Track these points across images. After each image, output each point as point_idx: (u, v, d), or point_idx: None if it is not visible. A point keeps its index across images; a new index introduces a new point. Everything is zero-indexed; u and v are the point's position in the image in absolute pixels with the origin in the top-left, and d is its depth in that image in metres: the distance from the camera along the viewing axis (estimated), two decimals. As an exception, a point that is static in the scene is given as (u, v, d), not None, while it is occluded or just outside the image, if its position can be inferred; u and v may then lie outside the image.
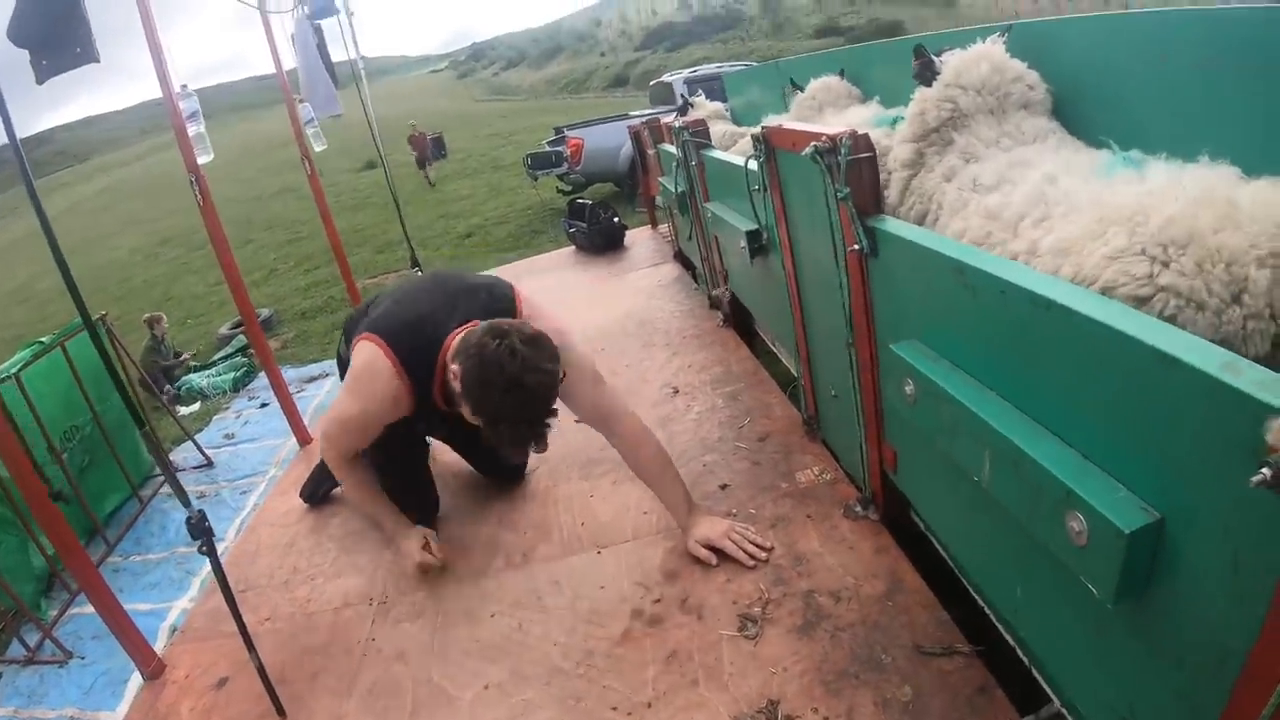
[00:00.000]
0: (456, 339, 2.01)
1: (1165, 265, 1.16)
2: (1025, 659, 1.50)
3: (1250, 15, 1.52)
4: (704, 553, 2.02)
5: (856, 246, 1.67)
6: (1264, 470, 0.71)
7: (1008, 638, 1.56)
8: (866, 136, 1.66)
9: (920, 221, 1.91)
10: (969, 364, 1.35)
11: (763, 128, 2.18)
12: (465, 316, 2.10)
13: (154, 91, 2.97)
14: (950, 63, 1.91)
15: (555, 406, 1.93)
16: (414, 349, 2.10)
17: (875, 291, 1.72)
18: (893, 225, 1.61)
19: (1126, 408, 0.96)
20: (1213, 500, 0.84)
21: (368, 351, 2.11)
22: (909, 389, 1.47)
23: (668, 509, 2.15)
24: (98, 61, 2.05)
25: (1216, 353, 0.82)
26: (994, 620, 1.63)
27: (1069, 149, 1.73)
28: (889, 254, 1.61)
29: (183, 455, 4.85)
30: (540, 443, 1.93)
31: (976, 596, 1.73)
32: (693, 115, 4.56)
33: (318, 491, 2.84)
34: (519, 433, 1.90)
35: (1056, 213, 1.44)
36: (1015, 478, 1.14)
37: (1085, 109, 1.89)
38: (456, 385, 1.91)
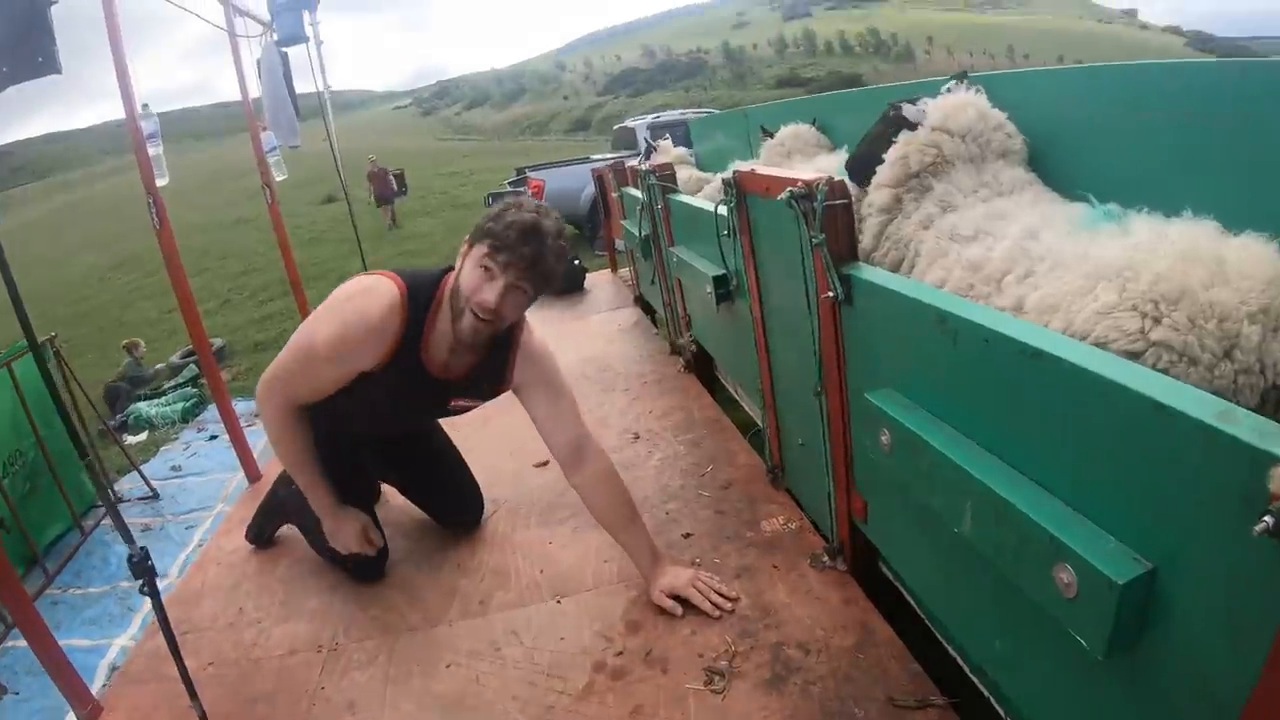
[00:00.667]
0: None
1: (1157, 321, 1.17)
2: (1003, 711, 1.47)
3: (1225, 67, 1.55)
4: (668, 603, 1.96)
5: (830, 294, 1.66)
6: (1266, 519, 0.70)
7: (983, 690, 1.53)
8: (843, 183, 1.66)
9: (895, 268, 1.91)
10: (947, 413, 1.33)
11: (734, 171, 2.18)
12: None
13: (116, 112, 2.91)
14: (936, 107, 1.92)
15: (564, 246, 1.91)
16: (417, 283, 1.99)
17: (848, 339, 1.71)
18: (869, 273, 1.60)
19: (1117, 457, 0.95)
20: (1207, 549, 0.83)
21: (369, 277, 2.00)
22: (885, 438, 1.45)
23: (631, 557, 2.08)
24: (59, 73, 1.99)
25: (1212, 401, 0.82)
26: (968, 672, 1.60)
27: (1046, 201, 1.74)
28: (864, 301, 1.60)
29: (128, 485, 4.69)
30: (547, 267, 1.87)
31: (949, 648, 1.71)
32: (657, 159, 4.60)
33: (263, 533, 2.72)
34: (530, 228, 1.82)
35: (1040, 268, 1.44)
36: (998, 529, 1.12)
37: (1058, 159, 1.91)
38: (463, 258, 1.91)
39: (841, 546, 2.01)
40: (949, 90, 2.04)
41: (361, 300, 1.93)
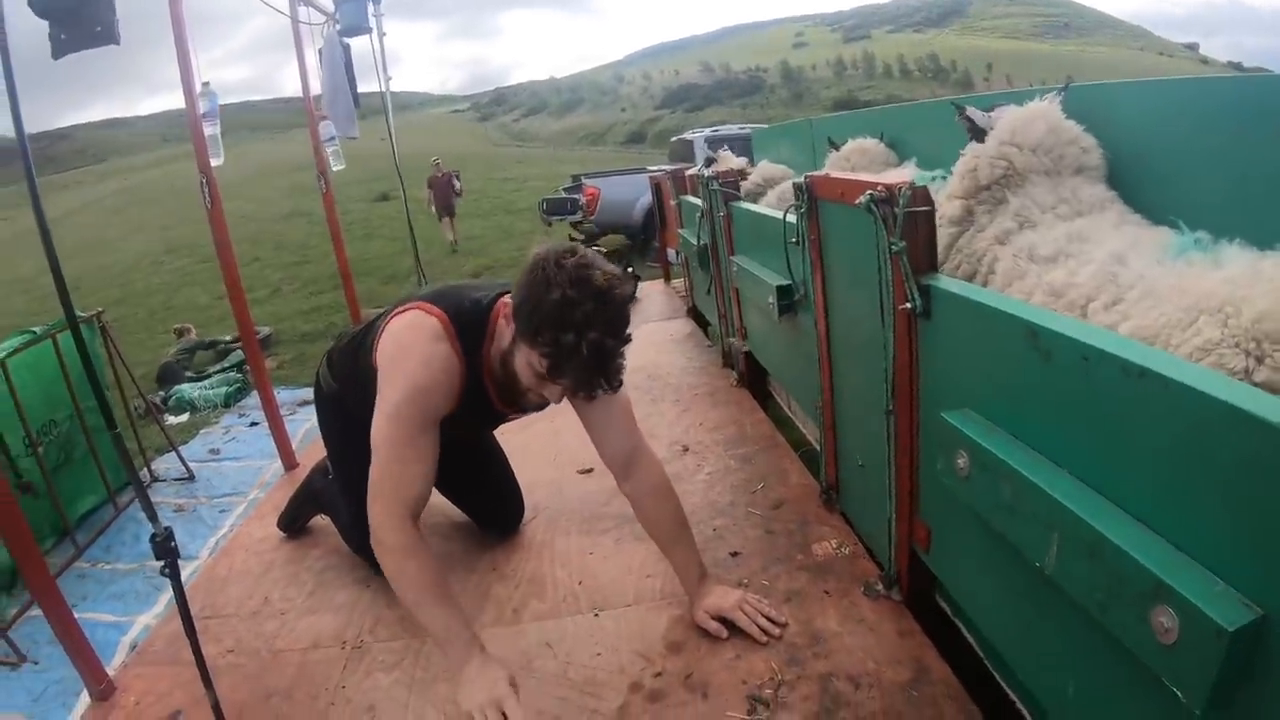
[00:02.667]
0: (506, 299, 1.79)
1: (1260, 361, 1.06)
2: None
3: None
4: (713, 624, 1.85)
5: (908, 305, 1.56)
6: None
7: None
8: (925, 190, 1.56)
9: (967, 281, 1.80)
10: (1033, 437, 1.22)
11: (806, 177, 2.09)
12: (507, 289, 1.85)
13: (176, 103, 2.90)
14: (1005, 119, 1.81)
15: (630, 333, 1.66)
16: (461, 309, 1.81)
17: (924, 354, 1.60)
18: (950, 284, 1.49)
19: (1229, 492, 0.85)
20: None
21: (407, 316, 1.81)
22: (961, 462, 1.34)
23: (677, 573, 1.97)
24: (117, 43, 1.95)
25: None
26: (1029, 718, 1.48)
27: (1129, 223, 1.62)
28: (944, 314, 1.50)
29: (164, 465, 4.69)
30: (616, 376, 1.69)
31: (1009, 690, 1.58)
32: (718, 169, 4.51)
33: (295, 521, 2.67)
34: (592, 353, 1.56)
35: (1130, 296, 1.33)
36: (1090, 565, 1.02)
37: (1138, 179, 1.79)
38: (509, 327, 1.69)
39: (898, 575, 1.89)
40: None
41: (419, 351, 1.75)
